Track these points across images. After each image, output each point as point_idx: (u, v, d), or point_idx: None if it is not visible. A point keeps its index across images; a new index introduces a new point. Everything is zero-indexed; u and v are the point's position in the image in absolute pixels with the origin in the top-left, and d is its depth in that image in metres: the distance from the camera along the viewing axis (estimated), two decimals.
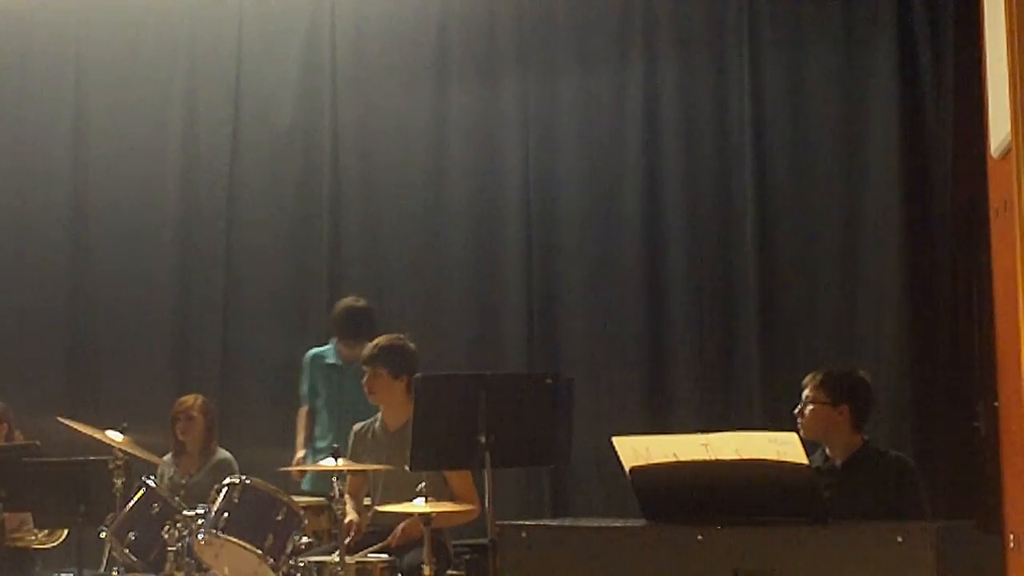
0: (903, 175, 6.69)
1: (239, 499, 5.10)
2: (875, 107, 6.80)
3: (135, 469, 5.65)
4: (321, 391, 6.64)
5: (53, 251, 7.71)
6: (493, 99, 7.34)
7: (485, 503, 4.72)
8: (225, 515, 5.05)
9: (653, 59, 7.13)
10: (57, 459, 5.79)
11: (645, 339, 6.98)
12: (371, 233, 7.46)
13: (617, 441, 3.87)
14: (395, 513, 4.99)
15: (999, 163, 4.51)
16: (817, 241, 6.85)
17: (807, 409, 4.63)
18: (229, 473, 5.73)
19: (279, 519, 5.07)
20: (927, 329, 6.62)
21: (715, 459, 3.66)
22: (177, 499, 5.43)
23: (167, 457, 6.32)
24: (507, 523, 3.98)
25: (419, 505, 4.79)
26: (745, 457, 3.63)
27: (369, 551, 5.21)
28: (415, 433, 4.76)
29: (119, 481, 5.42)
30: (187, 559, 5.20)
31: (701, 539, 3.59)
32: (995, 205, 4.70)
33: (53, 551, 6.50)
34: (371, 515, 5.49)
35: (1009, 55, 4.00)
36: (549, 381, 4.89)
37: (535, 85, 7.29)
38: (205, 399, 6.48)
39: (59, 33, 7.82)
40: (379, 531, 5.37)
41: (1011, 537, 4.56)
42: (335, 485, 4.98)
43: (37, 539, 6.42)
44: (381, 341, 5.57)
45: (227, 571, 5.14)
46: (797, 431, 4.37)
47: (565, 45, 7.27)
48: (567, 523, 4.31)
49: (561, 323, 7.16)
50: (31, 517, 6.29)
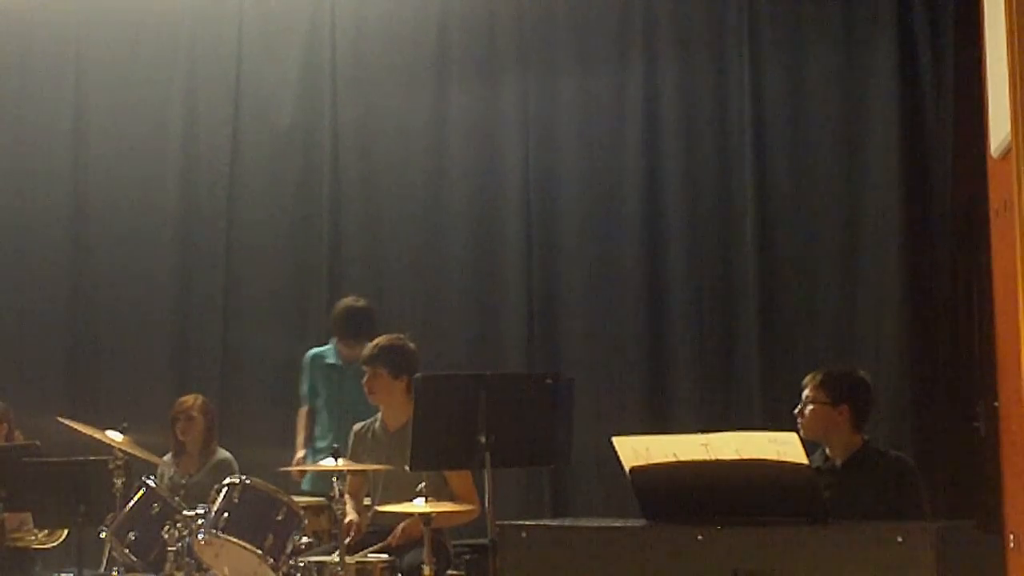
0: (903, 175, 6.69)
1: (239, 499, 5.10)
2: (875, 107, 6.80)
3: (135, 469, 5.65)
4: (321, 391, 6.64)
5: (53, 251, 7.71)
6: (493, 99, 7.35)
7: (485, 503, 4.72)
8: (225, 515, 5.05)
9: (653, 59, 7.13)
10: (57, 459, 5.79)
11: (645, 339, 6.98)
12: (371, 233, 7.46)
13: (617, 441, 3.87)
14: (395, 513, 4.99)
15: (999, 163, 4.51)
16: (817, 241, 6.85)
17: (807, 409, 4.63)
18: (229, 473, 5.73)
19: (279, 519, 5.07)
20: (927, 329, 6.62)
21: (715, 459, 3.66)
22: (177, 499, 5.43)
23: (167, 457, 6.31)
24: (507, 523, 3.97)
25: (419, 505, 4.79)
26: (745, 457, 3.63)
27: (369, 551, 5.20)
28: (415, 433, 4.76)
29: (119, 481, 5.42)
30: (187, 559, 5.20)
31: (701, 539, 3.58)
32: (995, 205, 4.70)
33: (53, 551, 6.50)
34: (371, 515, 5.49)
35: (1009, 55, 4.00)
36: (549, 381, 4.89)
37: (535, 85, 7.29)
38: (205, 399, 6.48)
39: (59, 33, 7.81)
40: (379, 531, 5.37)
41: (1011, 537, 4.56)
42: (335, 485, 4.98)
43: (37, 539, 6.42)
44: (381, 341, 5.56)
45: (227, 571, 5.14)
46: (797, 431, 4.37)
47: (565, 45, 7.27)
48: (567, 523, 4.31)
49: (561, 323, 7.16)
50: (31, 517, 6.28)
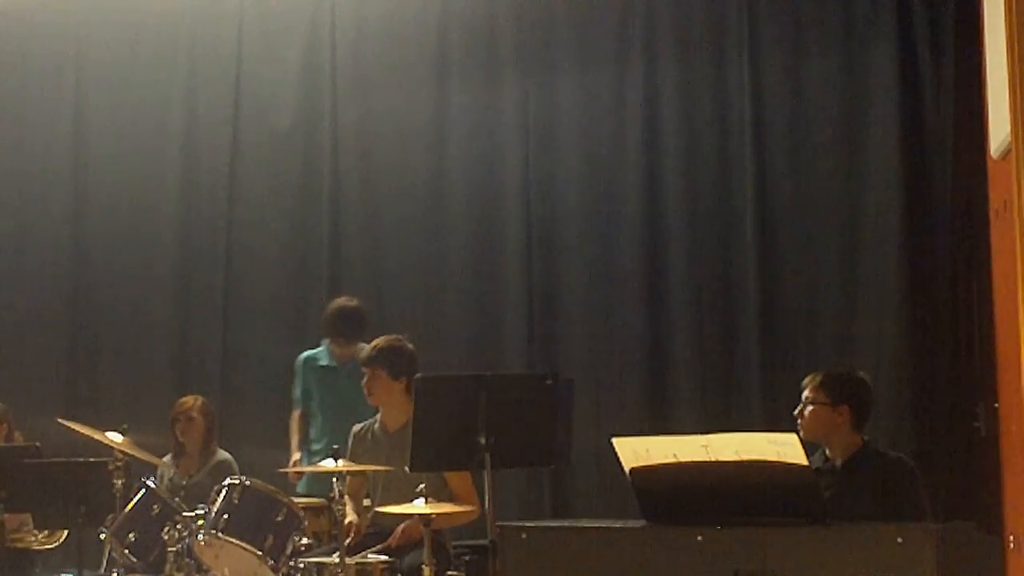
0: (903, 175, 6.68)
1: (239, 500, 5.10)
2: (875, 107, 6.80)
3: (135, 470, 5.65)
4: (315, 394, 6.63)
5: (53, 251, 7.71)
6: (493, 99, 7.34)
7: (485, 504, 4.71)
8: (225, 516, 5.05)
9: (653, 59, 7.12)
10: (57, 460, 5.79)
11: (645, 339, 6.98)
12: (371, 233, 7.46)
13: (617, 442, 3.87)
14: (395, 514, 4.98)
15: (999, 163, 4.52)
16: (817, 241, 6.85)
17: (807, 410, 4.63)
18: (229, 474, 5.72)
19: (279, 520, 5.07)
20: (927, 329, 6.61)
21: (715, 460, 3.66)
22: (177, 500, 5.43)
23: (167, 458, 6.31)
24: (507, 524, 3.98)
25: (419, 506, 4.79)
26: (745, 458, 3.63)
27: (369, 552, 5.19)
28: (415, 434, 4.75)
29: (119, 482, 5.43)
30: (187, 560, 5.20)
31: (701, 539, 3.58)
32: (995, 205, 4.71)
33: (53, 552, 6.50)
34: (371, 516, 5.49)
35: (1009, 56, 4.00)
36: (549, 381, 4.89)
37: (535, 85, 7.29)
38: (205, 400, 6.48)
39: (59, 33, 7.82)
40: (379, 532, 5.37)
41: (1011, 537, 4.57)
42: (335, 486, 4.97)
43: (37, 540, 6.41)
44: (380, 342, 5.54)
45: (227, 572, 5.14)
46: (797, 432, 4.37)
47: (565, 45, 7.27)
48: (567, 523, 4.32)
49: (561, 323, 7.16)
50: (31, 518, 6.28)
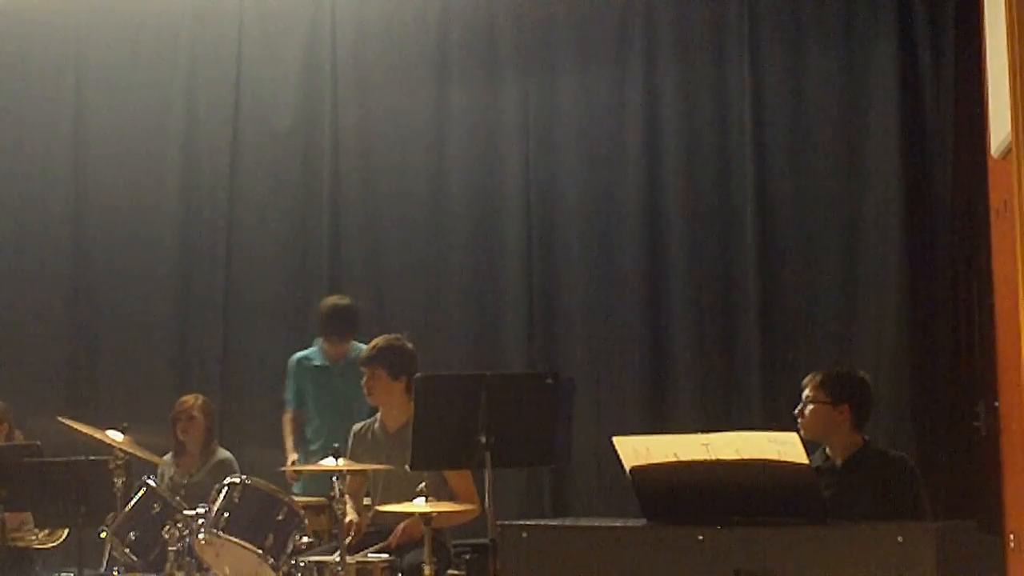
0: (903, 175, 6.69)
1: (239, 499, 5.10)
2: (875, 107, 6.81)
3: (135, 469, 5.65)
4: (310, 394, 6.63)
5: (53, 251, 7.71)
6: (493, 99, 7.34)
7: (485, 503, 4.71)
8: (225, 515, 5.05)
9: (653, 59, 7.13)
10: (57, 459, 5.79)
11: (645, 339, 6.98)
12: (371, 233, 7.46)
13: (617, 441, 3.87)
14: (395, 513, 4.99)
15: (999, 163, 4.52)
16: (817, 241, 6.86)
17: (807, 409, 4.63)
18: (229, 473, 5.73)
19: (280, 519, 5.07)
20: (927, 329, 6.62)
21: (715, 459, 3.66)
22: (177, 499, 5.43)
23: (167, 457, 6.31)
24: (507, 523, 3.97)
25: (419, 505, 4.79)
26: (745, 457, 3.63)
27: (369, 551, 5.20)
28: (415, 433, 4.76)
29: (119, 481, 5.42)
30: (187, 559, 5.20)
31: (701, 539, 3.58)
32: (995, 205, 4.72)
33: (53, 551, 6.50)
34: (371, 515, 5.49)
35: (1009, 55, 4.01)
36: (549, 381, 4.88)
37: (535, 85, 7.29)
38: (205, 399, 6.47)
39: (59, 33, 7.81)
40: (379, 531, 5.37)
41: (1011, 537, 4.57)
42: (335, 485, 4.97)
43: (37, 539, 6.41)
44: (379, 342, 5.54)
45: (227, 571, 5.14)
46: (797, 431, 4.37)
47: (565, 45, 7.27)
48: (567, 523, 4.31)
49: (561, 323, 7.16)
50: (31, 517, 6.28)
